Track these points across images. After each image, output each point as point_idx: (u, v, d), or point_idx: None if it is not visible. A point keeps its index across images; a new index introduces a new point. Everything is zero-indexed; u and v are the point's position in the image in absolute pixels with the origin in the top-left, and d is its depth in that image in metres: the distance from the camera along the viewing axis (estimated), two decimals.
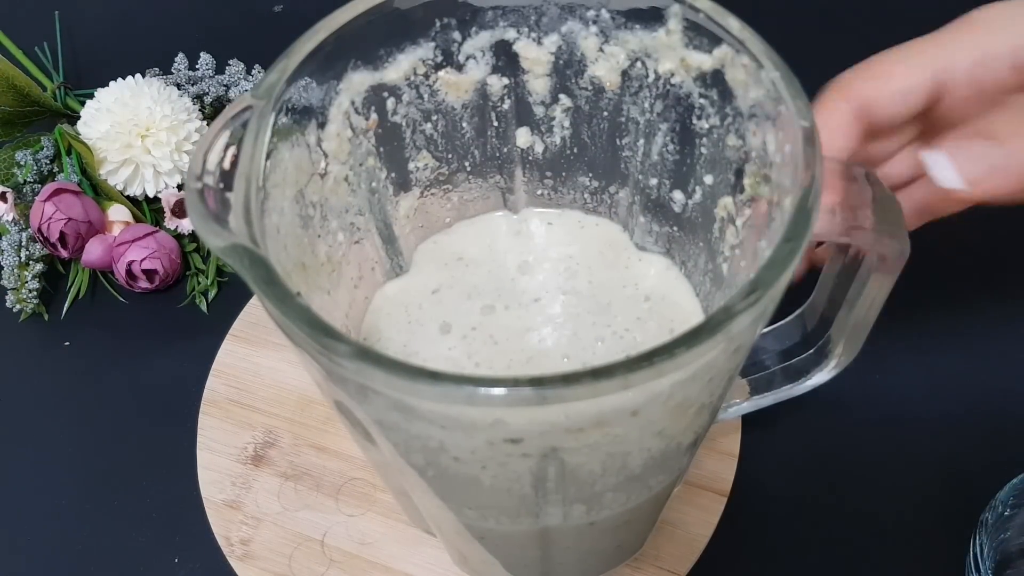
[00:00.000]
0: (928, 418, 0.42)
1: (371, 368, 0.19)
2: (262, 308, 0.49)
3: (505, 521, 0.27)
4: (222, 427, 0.44)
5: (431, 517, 0.30)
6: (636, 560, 0.38)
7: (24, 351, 0.49)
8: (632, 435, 0.23)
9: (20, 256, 0.48)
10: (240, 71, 0.54)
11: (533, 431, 0.21)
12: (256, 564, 0.40)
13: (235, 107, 0.23)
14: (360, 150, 0.30)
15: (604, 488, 0.26)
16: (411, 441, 0.23)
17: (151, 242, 0.47)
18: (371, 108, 0.29)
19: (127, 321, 0.49)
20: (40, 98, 0.52)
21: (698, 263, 0.33)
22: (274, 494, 0.41)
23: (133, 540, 0.42)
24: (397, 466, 0.26)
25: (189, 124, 0.50)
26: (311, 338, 0.20)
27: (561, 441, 0.21)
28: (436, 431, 0.21)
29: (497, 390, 0.18)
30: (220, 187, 0.22)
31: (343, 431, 0.43)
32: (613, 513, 0.28)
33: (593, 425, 0.21)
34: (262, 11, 0.62)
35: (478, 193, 0.35)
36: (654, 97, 0.30)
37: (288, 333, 0.21)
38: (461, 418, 0.20)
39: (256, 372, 0.45)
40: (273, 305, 0.20)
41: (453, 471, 0.23)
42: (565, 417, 0.20)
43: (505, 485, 0.24)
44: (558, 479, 0.24)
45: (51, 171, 0.51)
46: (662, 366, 0.19)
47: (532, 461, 0.22)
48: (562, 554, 0.31)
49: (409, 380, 0.19)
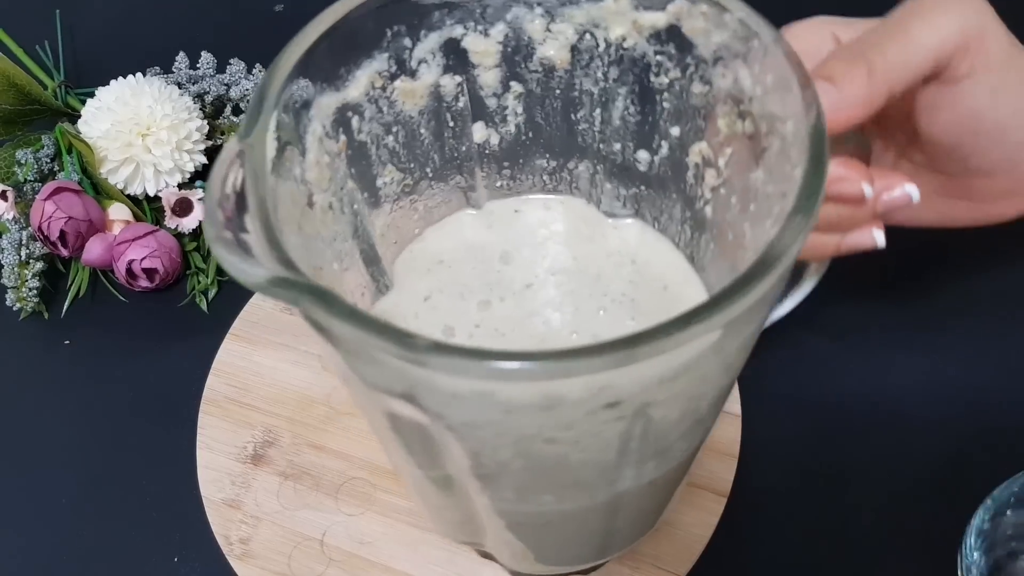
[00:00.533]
0: (928, 419, 0.42)
1: (477, 362, 0.18)
2: (262, 308, 0.49)
3: (581, 498, 0.27)
4: (222, 426, 0.44)
5: (496, 514, 0.30)
6: (636, 560, 0.38)
7: (24, 350, 0.49)
8: (711, 374, 0.23)
9: (20, 255, 0.48)
10: (241, 70, 0.54)
11: (634, 390, 0.21)
12: (255, 563, 0.40)
13: (228, 153, 0.22)
14: (339, 175, 0.29)
15: (676, 437, 0.26)
16: (501, 436, 0.23)
17: (151, 241, 0.48)
18: (339, 130, 0.29)
19: (127, 320, 0.49)
20: (41, 97, 0.52)
21: (673, 215, 0.33)
22: (274, 493, 0.41)
23: (133, 539, 0.42)
24: (461, 475, 0.26)
25: (190, 123, 0.50)
26: (401, 346, 0.19)
27: (655, 395, 0.22)
28: (534, 416, 0.21)
29: (608, 355, 0.18)
30: (240, 233, 0.22)
31: (343, 431, 0.43)
32: (673, 466, 0.28)
33: (684, 372, 0.21)
34: (263, 10, 0.62)
35: (441, 198, 0.35)
36: (607, 65, 0.30)
37: (363, 348, 0.20)
38: (569, 393, 0.20)
39: (256, 371, 0.45)
40: (344, 322, 0.19)
41: (541, 456, 0.23)
42: (663, 370, 0.21)
43: (593, 457, 0.24)
44: (641, 438, 0.24)
45: (52, 170, 0.51)
46: (742, 300, 0.19)
47: (623, 424, 0.22)
48: (617, 520, 0.32)
49: (523, 363, 0.18)
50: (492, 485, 0.26)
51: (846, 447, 0.41)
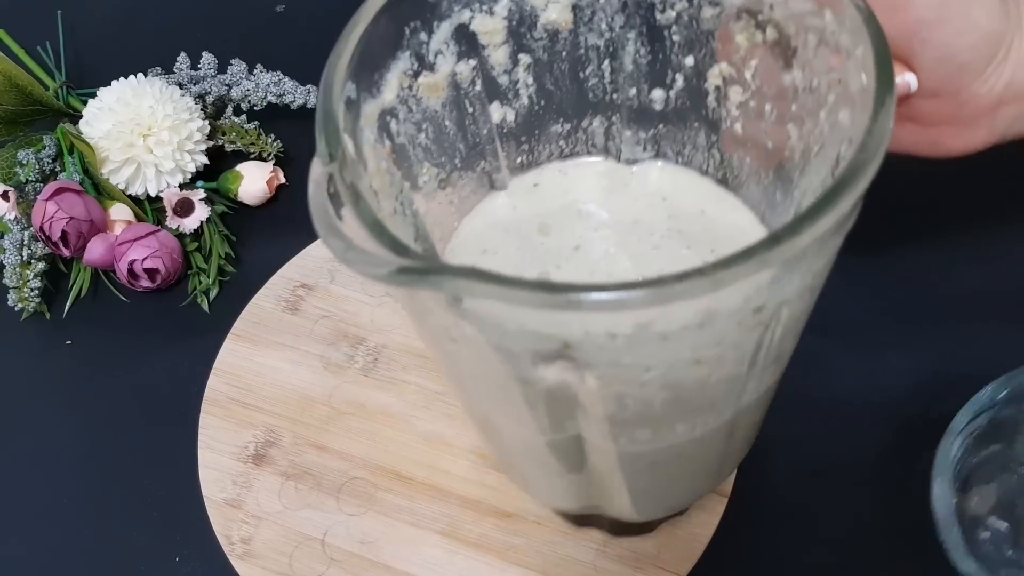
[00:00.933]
0: (928, 418, 0.42)
1: (649, 290, 0.19)
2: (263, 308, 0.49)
3: (711, 420, 0.28)
4: (223, 426, 0.44)
5: (620, 464, 0.31)
6: (637, 560, 0.38)
7: (26, 350, 0.49)
8: (827, 264, 0.24)
9: (22, 255, 0.48)
10: (242, 70, 0.54)
11: (776, 289, 0.22)
12: (257, 563, 0.40)
13: (320, 177, 0.23)
14: (395, 179, 0.30)
15: (792, 339, 0.27)
16: (651, 370, 0.23)
17: (153, 241, 0.48)
18: (383, 135, 0.30)
19: (129, 320, 0.49)
20: (42, 97, 0.52)
21: (697, 143, 0.34)
22: (275, 493, 0.41)
23: (134, 539, 0.42)
24: (594, 430, 0.27)
25: (191, 123, 0.51)
26: (564, 292, 0.19)
27: (790, 291, 0.23)
28: (689, 337, 0.22)
29: (759, 254, 0.19)
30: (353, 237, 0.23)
31: (344, 431, 0.43)
32: (779, 375, 0.30)
33: (812, 271, 0.23)
34: (264, 11, 0.62)
35: (470, 187, 0.35)
36: (611, 15, 0.31)
37: (516, 315, 0.21)
38: (723, 306, 0.21)
39: (257, 371, 0.45)
40: (505, 288, 0.20)
41: (685, 384, 0.24)
42: (800, 269, 0.22)
43: (729, 372, 0.25)
44: (769, 344, 0.25)
45: (53, 170, 0.51)
46: (863, 178, 0.21)
47: (760, 331, 0.23)
48: (732, 441, 0.32)
49: (688, 281, 0.19)
50: (628, 430, 0.27)
51: (846, 447, 0.41)
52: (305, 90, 0.53)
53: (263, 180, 0.51)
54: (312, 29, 0.60)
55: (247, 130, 0.53)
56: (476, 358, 0.25)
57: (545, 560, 0.39)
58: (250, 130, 0.53)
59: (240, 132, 0.53)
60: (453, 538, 0.40)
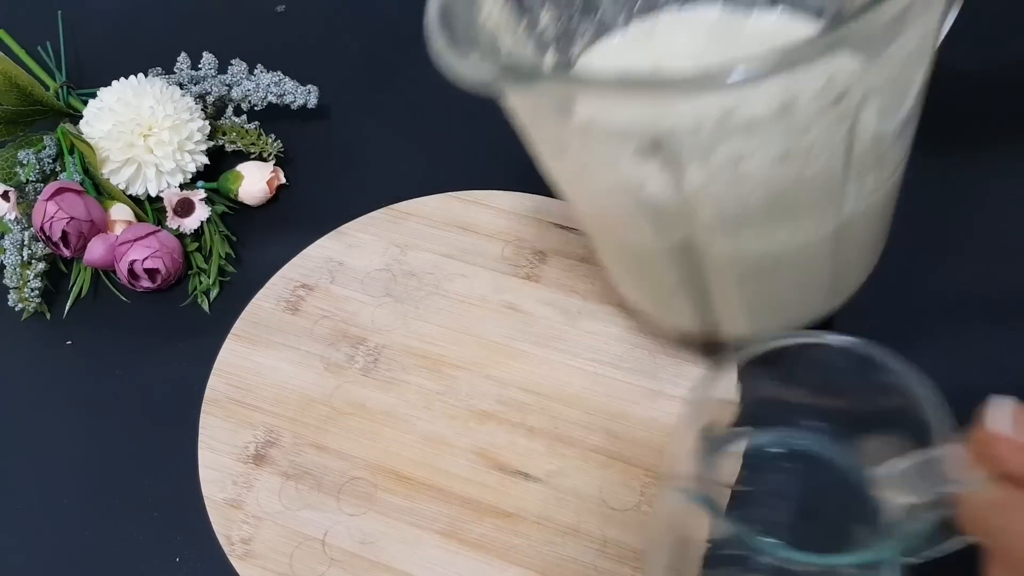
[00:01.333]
0: None
1: (726, 68, 0.20)
2: (264, 308, 0.49)
3: (812, 228, 0.29)
4: (223, 426, 0.44)
5: (731, 271, 0.31)
6: (637, 560, 0.38)
7: (26, 350, 0.49)
8: (912, 59, 0.24)
9: (22, 255, 0.48)
10: (242, 71, 0.54)
11: (855, 74, 0.22)
12: (257, 563, 0.40)
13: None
14: (512, 20, 0.31)
15: (890, 141, 0.27)
16: (743, 163, 0.24)
17: (153, 241, 0.48)
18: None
19: (129, 320, 0.49)
20: (43, 97, 0.52)
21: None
22: (275, 493, 0.42)
23: (134, 539, 0.42)
24: (701, 232, 0.28)
25: (191, 123, 0.51)
26: (652, 79, 0.20)
27: (873, 79, 0.23)
28: (772, 127, 0.23)
29: (831, 34, 0.20)
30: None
31: (344, 431, 0.43)
32: (886, 186, 0.30)
33: (896, 59, 0.23)
34: (264, 11, 0.62)
35: (589, 34, 0.36)
36: None
37: (610, 107, 0.23)
38: (801, 93, 0.22)
39: (258, 371, 0.45)
40: (599, 79, 0.21)
41: (778, 182, 0.25)
42: (880, 55, 0.22)
43: (823, 169, 0.25)
44: (862, 142, 0.25)
45: (53, 170, 0.51)
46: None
47: (848, 124, 0.24)
48: (840, 258, 0.33)
49: (760, 62, 0.20)
50: (730, 232, 0.28)
51: None
52: (305, 90, 0.53)
53: (263, 180, 0.51)
54: (312, 29, 0.60)
55: (247, 130, 0.53)
56: (583, 167, 0.26)
57: (545, 560, 0.39)
58: (250, 130, 0.53)
59: (240, 132, 0.53)
60: (453, 538, 0.40)
